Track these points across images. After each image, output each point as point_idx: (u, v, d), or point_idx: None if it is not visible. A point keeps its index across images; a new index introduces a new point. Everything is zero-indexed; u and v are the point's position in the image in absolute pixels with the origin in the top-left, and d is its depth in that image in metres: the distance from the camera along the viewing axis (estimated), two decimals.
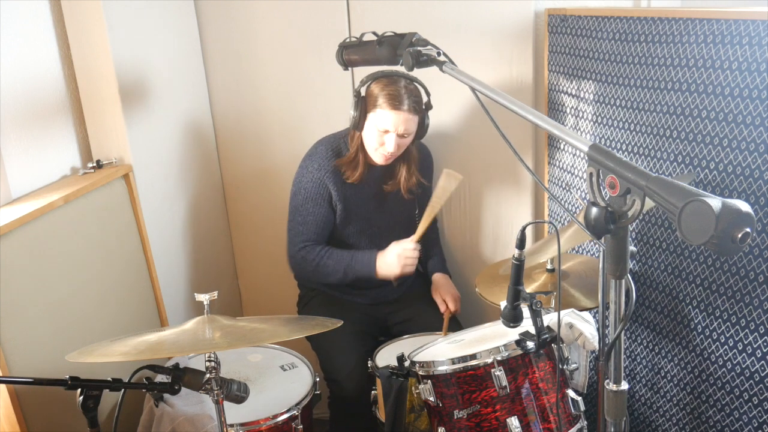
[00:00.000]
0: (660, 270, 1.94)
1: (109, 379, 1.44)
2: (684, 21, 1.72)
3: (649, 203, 0.94)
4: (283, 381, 1.99)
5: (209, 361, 1.49)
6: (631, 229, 1.85)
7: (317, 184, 2.22)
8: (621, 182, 0.98)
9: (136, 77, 2.15)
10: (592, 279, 2.03)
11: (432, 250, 2.50)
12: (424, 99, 2.15)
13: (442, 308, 2.32)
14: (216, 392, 1.49)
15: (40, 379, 1.44)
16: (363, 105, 2.10)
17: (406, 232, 2.43)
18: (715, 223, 0.80)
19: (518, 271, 1.55)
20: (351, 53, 1.72)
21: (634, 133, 1.95)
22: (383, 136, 2.11)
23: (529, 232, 1.87)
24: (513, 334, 1.69)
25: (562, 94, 2.25)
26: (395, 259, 2.20)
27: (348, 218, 2.29)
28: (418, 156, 2.30)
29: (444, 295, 2.33)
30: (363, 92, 2.12)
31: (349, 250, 2.29)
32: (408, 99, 2.08)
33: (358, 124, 2.13)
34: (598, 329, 1.74)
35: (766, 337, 1.65)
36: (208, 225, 2.63)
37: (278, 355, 2.13)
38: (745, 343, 1.70)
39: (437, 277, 2.41)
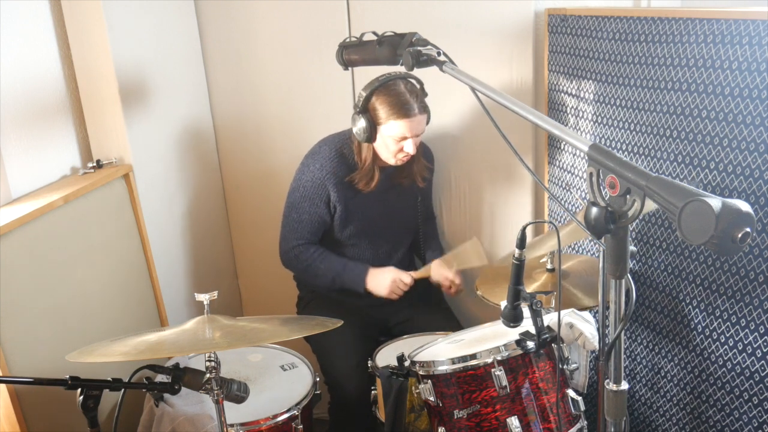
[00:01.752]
0: (660, 270, 1.94)
1: (109, 379, 1.44)
2: (684, 21, 1.72)
3: (650, 206, 0.94)
4: (283, 381, 1.99)
5: (209, 361, 1.49)
6: (631, 229, 1.86)
7: (317, 184, 2.22)
8: (621, 182, 0.98)
9: (136, 77, 2.15)
10: (592, 279, 2.03)
11: (431, 243, 2.49)
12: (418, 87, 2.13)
13: (446, 284, 2.27)
14: (216, 392, 1.49)
15: (40, 379, 1.44)
16: (370, 118, 2.08)
17: (406, 233, 2.43)
18: (715, 223, 0.80)
19: (518, 270, 1.55)
20: (351, 53, 1.72)
21: (634, 133, 1.95)
22: (401, 142, 2.11)
23: (529, 231, 1.87)
24: (513, 333, 1.69)
25: (562, 94, 2.25)
26: (389, 281, 2.23)
27: (348, 219, 2.28)
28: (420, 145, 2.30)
29: (446, 273, 2.26)
30: (362, 103, 2.07)
31: (342, 259, 2.29)
32: (415, 101, 2.07)
33: (371, 137, 2.11)
34: (598, 329, 1.74)
35: (766, 337, 1.65)
36: (208, 225, 2.63)
37: (278, 355, 2.13)
38: (745, 343, 1.70)
39: (437, 262, 2.33)
